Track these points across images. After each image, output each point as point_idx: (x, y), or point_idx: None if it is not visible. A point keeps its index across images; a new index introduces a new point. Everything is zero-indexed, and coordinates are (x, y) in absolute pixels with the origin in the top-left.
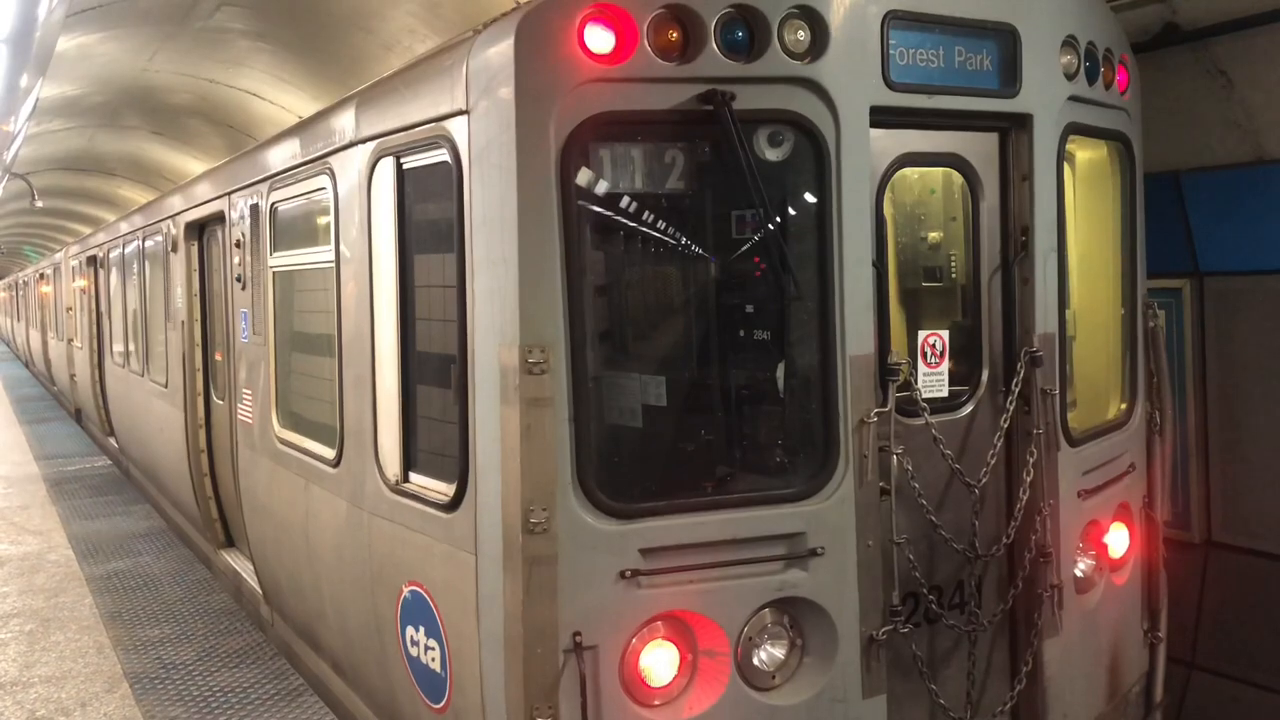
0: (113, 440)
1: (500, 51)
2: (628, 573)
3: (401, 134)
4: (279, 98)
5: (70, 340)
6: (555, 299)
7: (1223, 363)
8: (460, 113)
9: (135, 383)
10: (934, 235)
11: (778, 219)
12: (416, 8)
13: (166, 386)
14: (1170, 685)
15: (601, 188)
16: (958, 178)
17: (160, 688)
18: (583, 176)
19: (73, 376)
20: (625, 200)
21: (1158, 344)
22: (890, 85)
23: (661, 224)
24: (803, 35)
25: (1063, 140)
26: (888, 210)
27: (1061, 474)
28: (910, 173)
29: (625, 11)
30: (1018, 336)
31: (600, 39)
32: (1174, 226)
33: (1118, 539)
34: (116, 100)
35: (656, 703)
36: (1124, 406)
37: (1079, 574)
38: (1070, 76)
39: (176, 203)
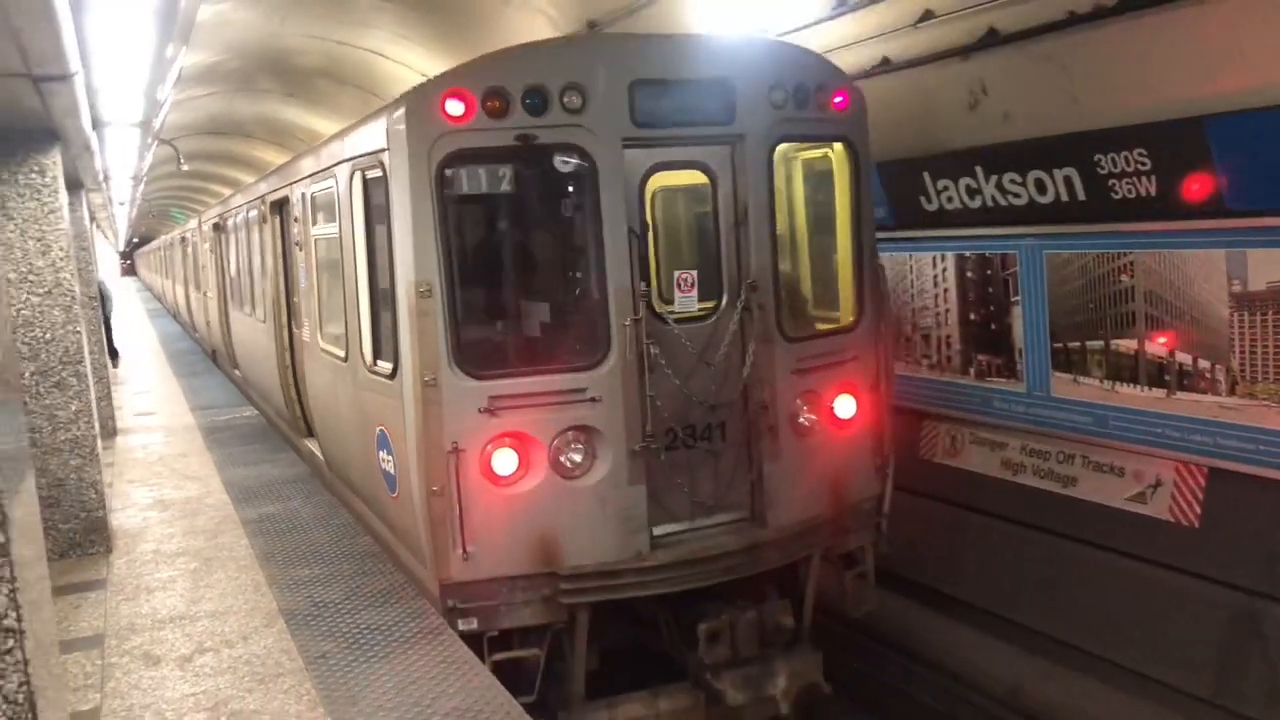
0: (237, 371)
1: (400, 116)
2: (483, 409)
3: (362, 158)
4: (401, 55)
5: (205, 292)
6: (433, 255)
7: None
8: (385, 149)
9: (248, 322)
10: (700, 209)
11: (568, 205)
12: None
13: (265, 322)
14: None
15: (460, 191)
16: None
17: (312, 624)
18: (445, 183)
19: (207, 323)
20: (474, 198)
21: (878, 277)
22: (637, 124)
23: (498, 210)
24: (574, 100)
25: (771, 149)
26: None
27: (777, 360)
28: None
29: (468, 91)
30: (741, 275)
31: (454, 107)
32: None
33: (844, 404)
34: (251, 65)
35: (503, 484)
36: (853, 318)
37: (802, 422)
38: (778, 106)
39: (264, 187)
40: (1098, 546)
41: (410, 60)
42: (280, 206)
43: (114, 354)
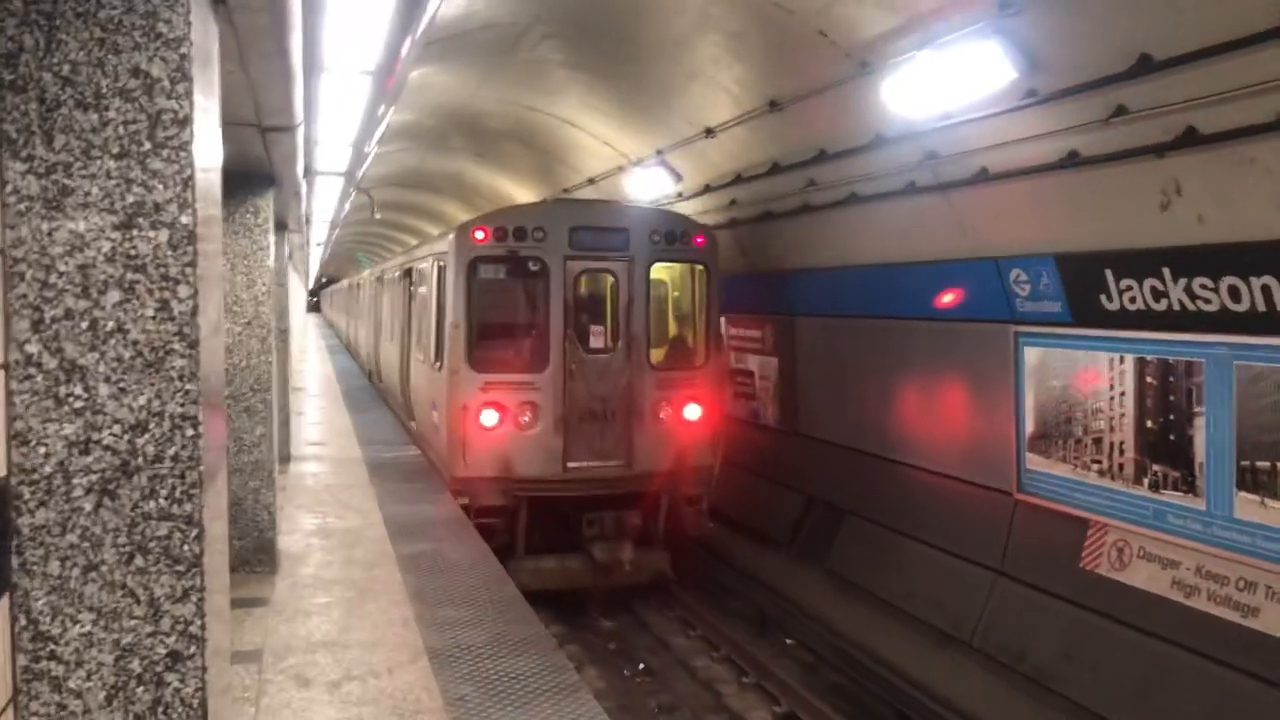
0: (381, 383)
1: (450, 240)
2: (480, 388)
3: (436, 256)
4: (588, 124)
5: (367, 327)
6: (463, 308)
7: None
8: (446, 252)
9: (390, 348)
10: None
11: (535, 288)
12: (722, 38)
13: (395, 345)
14: None
15: (479, 277)
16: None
17: (454, 665)
18: (473, 271)
19: (369, 352)
20: (486, 281)
21: (721, 340)
22: (573, 247)
23: (497, 288)
24: (539, 234)
25: (649, 265)
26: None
27: (645, 380)
28: (607, 276)
29: (487, 227)
30: (627, 331)
31: (479, 234)
32: None
33: (691, 410)
34: (445, 125)
35: (487, 430)
36: (702, 361)
37: (661, 416)
38: (655, 244)
39: (399, 261)
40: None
41: (595, 128)
42: (408, 272)
43: None
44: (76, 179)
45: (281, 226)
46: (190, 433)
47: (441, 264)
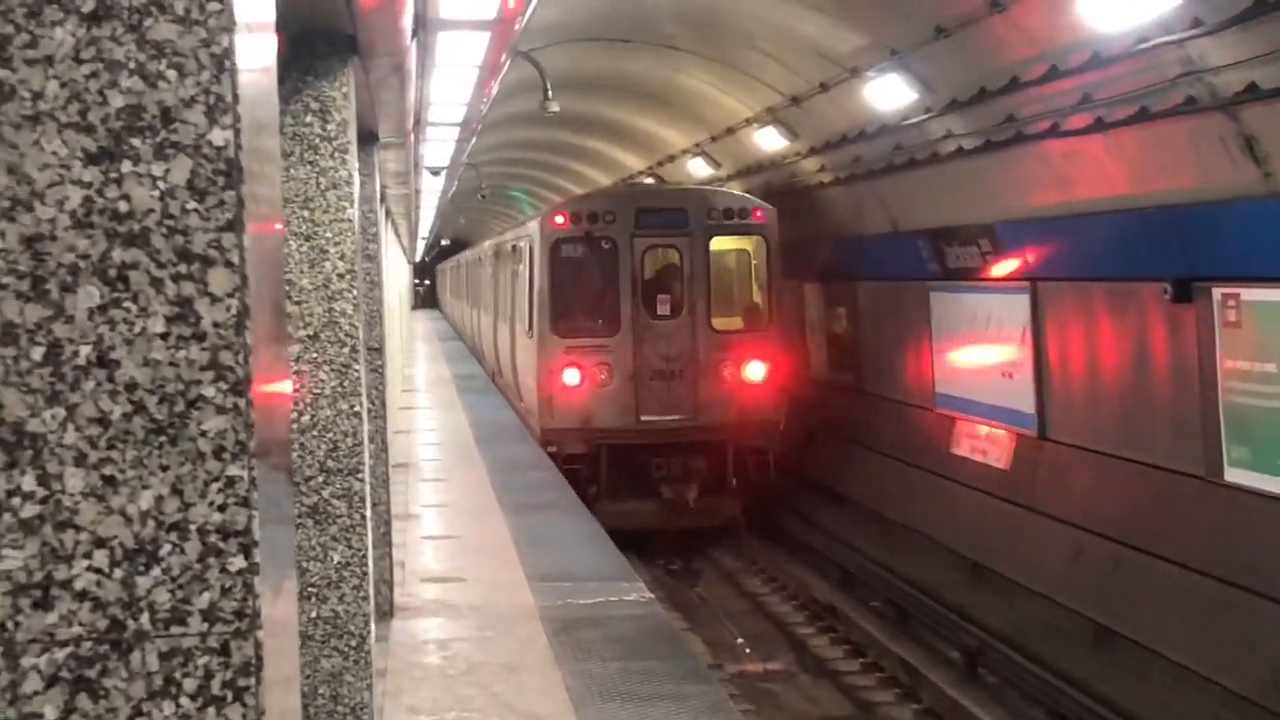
0: (499, 379)
1: (536, 224)
2: (562, 351)
3: (525, 238)
4: None
5: (488, 312)
6: (547, 283)
7: None
8: (533, 235)
9: (504, 330)
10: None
11: (607, 263)
12: None
13: (509, 327)
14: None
15: (560, 256)
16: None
17: None
18: (555, 251)
19: (490, 348)
20: (566, 260)
21: (783, 304)
22: (638, 226)
23: (575, 265)
24: (610, 216)
25: (708, 241)
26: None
27: (707, 341)
28: (672, 251)
29: (565, 212)
30: (689, 299)
31: (559, 219)
32: None
33: (754, 369)
34: None
35: (570, 387)
36: (766, 322)
37: (725, 375)
38: (713, 220)
39: (509, 237)
40: None
41: None
42: (514, 249)
43: None
44: (18, 66)
45: (369, 138)
46: (239, 563)
47: (530, 244)
